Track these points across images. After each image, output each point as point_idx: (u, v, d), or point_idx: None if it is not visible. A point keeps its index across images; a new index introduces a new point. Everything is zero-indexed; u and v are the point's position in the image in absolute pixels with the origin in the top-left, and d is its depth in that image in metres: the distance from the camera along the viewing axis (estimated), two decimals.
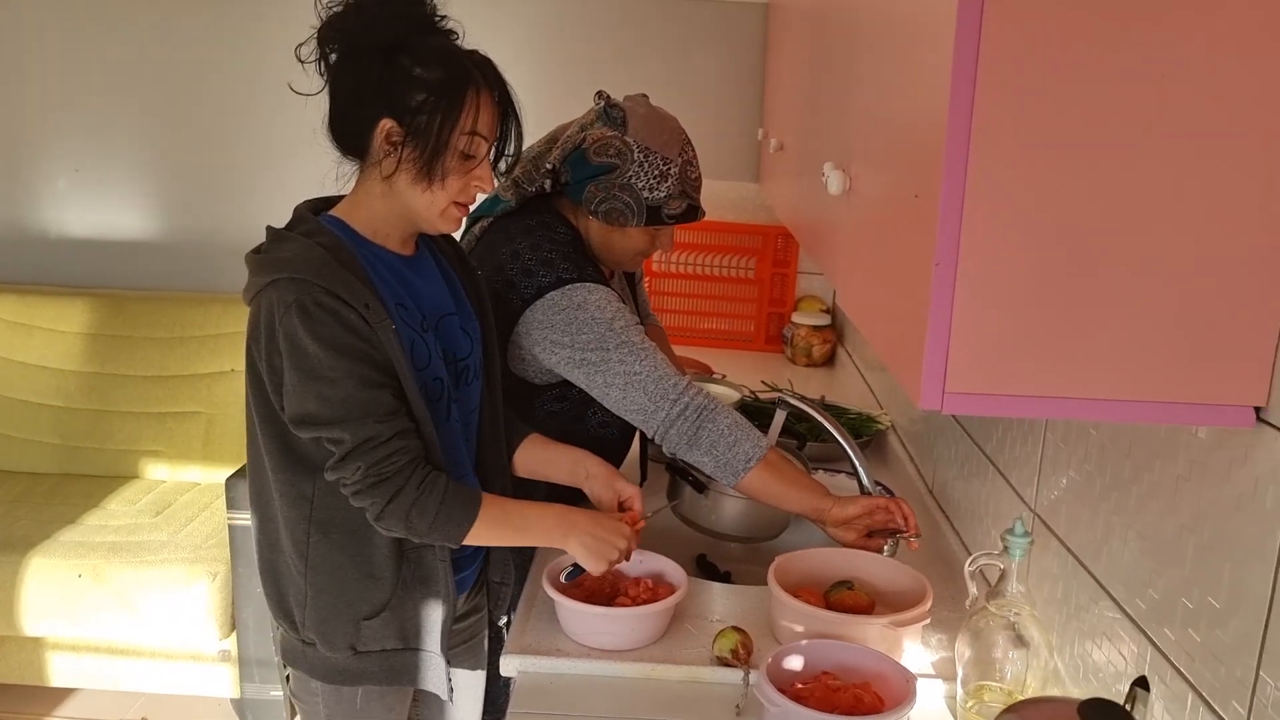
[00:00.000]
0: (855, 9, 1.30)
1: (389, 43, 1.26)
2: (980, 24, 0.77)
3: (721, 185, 3.09)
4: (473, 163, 1.32)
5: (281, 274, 1.26)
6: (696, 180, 1.74)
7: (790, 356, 3.00)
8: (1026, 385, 0.85)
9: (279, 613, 1.44)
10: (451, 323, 1.43)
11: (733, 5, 2.98)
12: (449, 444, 1.41)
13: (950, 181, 0.80)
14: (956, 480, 1.76)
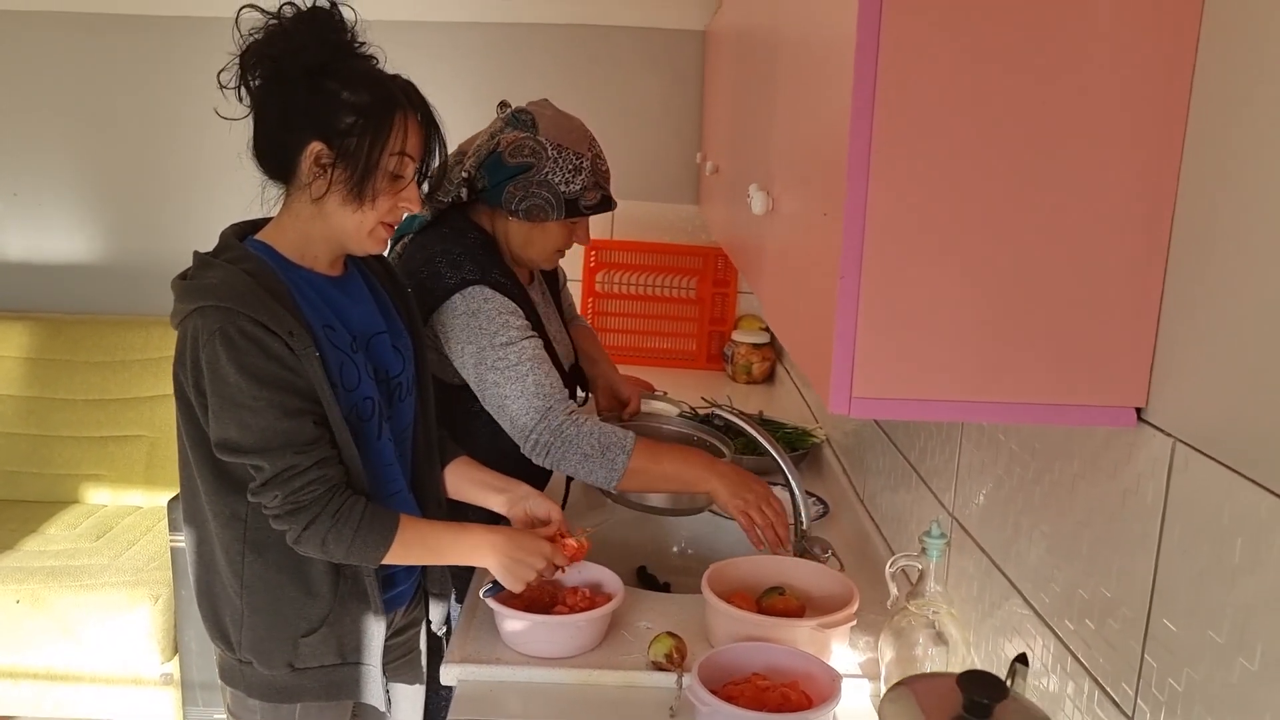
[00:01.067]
0: (775, 39, 1.37)
1: (315, 67, 1.29)
2: (876, 55, 0.84)
3: (662, 207, 3.16)
4: (401, 183, 1.36)
5: (206, 301, 1.27)
6: (606, 173, 1.81)
7: (731, 374, 3.07)
8: (927, 390, 0.91)
9: (215, 634, 1.45)
10: (382, 341, 1.45)
11: (672, 33, 3.06)
12: (381, 463, 1.43)
13: (852, 202, 0.87)
14: (884, 490, 1.83)
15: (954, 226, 0.87)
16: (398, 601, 1.52)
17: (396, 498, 1.46)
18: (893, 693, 0.81)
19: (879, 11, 0.83)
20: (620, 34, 3.07)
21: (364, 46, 1.35)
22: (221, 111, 1.32)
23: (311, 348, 1.29)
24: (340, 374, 1.35)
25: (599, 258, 3.17)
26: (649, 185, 3.17)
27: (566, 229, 1.79)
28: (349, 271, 1.45)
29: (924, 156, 0.86)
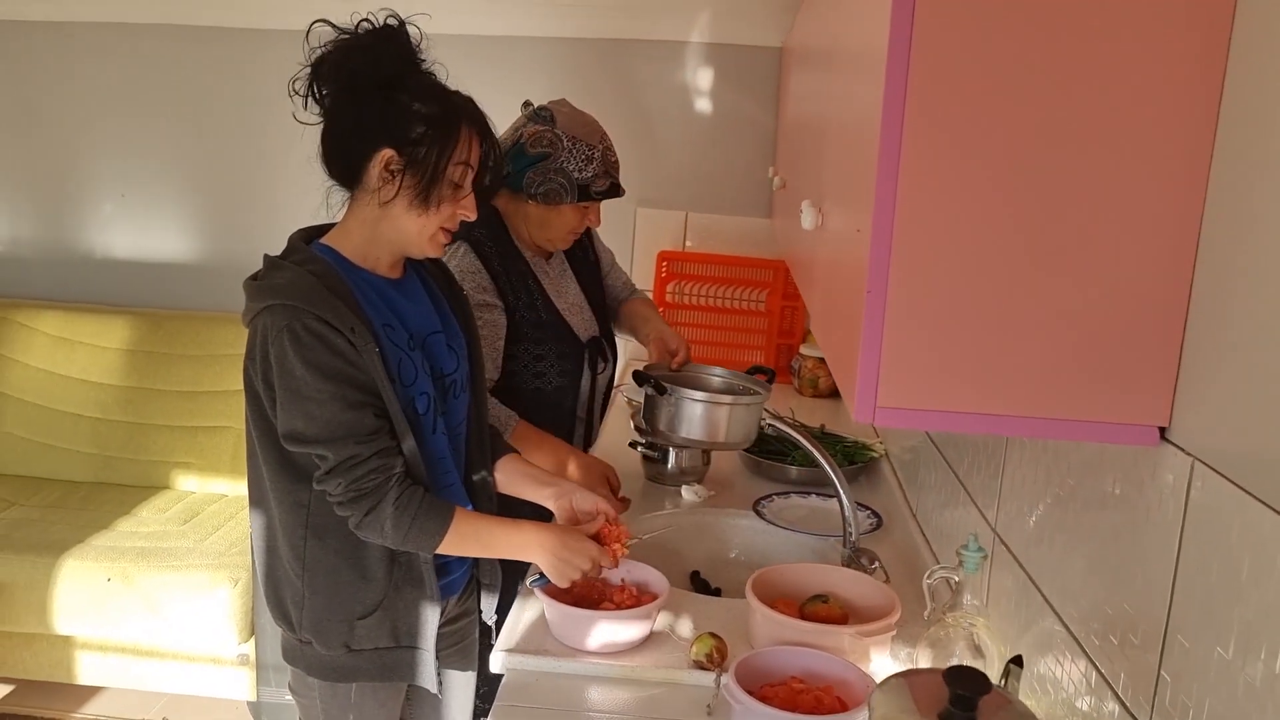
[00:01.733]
0: (826, 58, 1.41)
1: (387, 80, 1.37)
2: (906, 73, 0.88)
3: (735, 220, 3.20)
4: (461, 192, 1.44)
5: (275, 300, 1.37)
6: (615, 163, 2.03)
7: (797, 387, 3.09)
8: (950, 402, 0.94)
9: (277, 614, 1.54)
10: (438, 340, 1.53)
11: (749, 49, 3.10)
12: (435, 457, 1.51)
13: (879, 219, 0.90)
14: (935, 506, 1.84)
15: (979, 245, 0.90)
16: (451, 589, 1.59)
17: (450, 490, 1.54)
18: (887, 683, 0.85)
19: (909, 37, 0.87)
20: (700, 50, 3.13)
21: (429, 63, 1.43)
22: (299, 118, 1.41)
23: (372, 344, 1.37)
24: (399, 370, 1.43)
25: (670, 268, 3.22)
26: (723, 198, 3.22)
27: (579, 212, 2.00)
28: (408, 274, 1.53)
29: (951, 176, 0.89)
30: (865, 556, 1.72)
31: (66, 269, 3.43)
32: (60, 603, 2.62)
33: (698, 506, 2.11)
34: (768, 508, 2.09)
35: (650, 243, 3.23)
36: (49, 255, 3.44)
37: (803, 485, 2.21)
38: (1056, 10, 0.86)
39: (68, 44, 3.27)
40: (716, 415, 1.92)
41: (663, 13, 3.06)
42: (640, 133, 3.18)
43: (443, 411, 1.53)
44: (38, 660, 2.73)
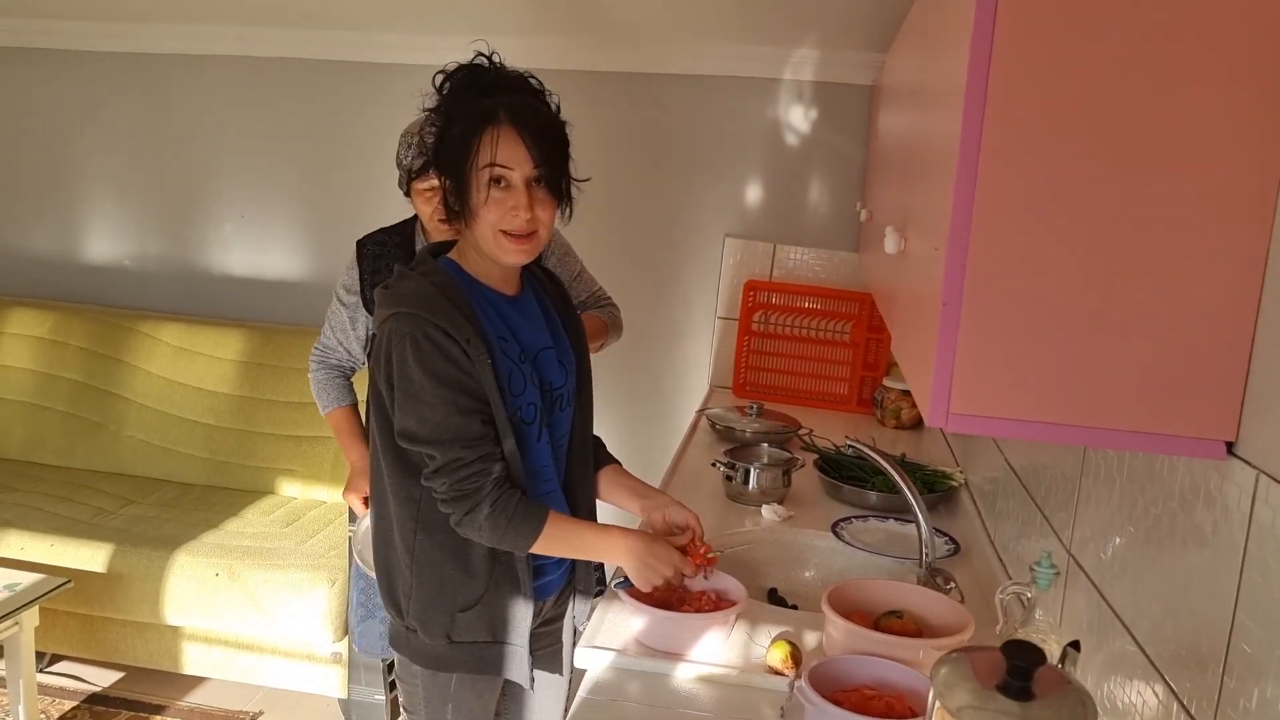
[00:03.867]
0: (911, 93, 1.48)
1: (448, 114, 1.48)
2: (983, 107, 0.94)
3: (822, 253, 3.26)
4: (506, 192, 1.47)
5: (400, 308, 1.48)
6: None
7: (880, 418, 3.12)
8: (1021, 411, 0.99)
9: (388, 601, 1.64)
10: (548, 356, 1.62)
11: (842, 87, 3.17)
12: (538, 464, 1.60)
13: (955, 236, 0.97)
14: (1014, 535, 1.86)
15: (1050, 262, 0.96)
16: (546, 591, 1.67)
17: (549, 496, 1.63)
18: (948, 657, 0.90)
19: (986, 73, 0.93)
20: (793, 87, 3.21)
21: (512, 79, 1.48)
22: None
23: (485, 355, 1.47)
24: (509, 381, 1.52)
25: (757, 298, 3.29)
26: (811, 230, 3.28)
27: (422, 198, 2.08)
28: (524, 292, 1.63)
29: (1024, 197, 0.95)
30: (941, 576, 1.76)
31: (188, 284, 3.67)
32: (171, 595, 2.79)
33: (777, 526, 2.17)
34: (846, 529, 2.13)
35: (738, 273, 3.30)
36: (173, 271, 3.68)
37: (881, 510, 2.25)
38: (1126, 47, 0.91)
39: (199, 76, 3.52)
40: None
41: (757, 51, 3.15)
42: (730, 166, 3.28)
43: (548, 423, 1.62)
44: (148, 648, 2.90)
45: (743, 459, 2.33)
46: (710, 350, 3.38)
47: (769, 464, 2.31)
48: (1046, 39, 0.92)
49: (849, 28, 2.91)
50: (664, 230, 3.31)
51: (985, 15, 0.93)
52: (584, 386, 1.71)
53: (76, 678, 3.01)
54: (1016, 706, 0.79)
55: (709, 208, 3.32)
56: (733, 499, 2.28)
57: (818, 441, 2.68)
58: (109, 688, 2.98)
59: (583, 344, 1.72)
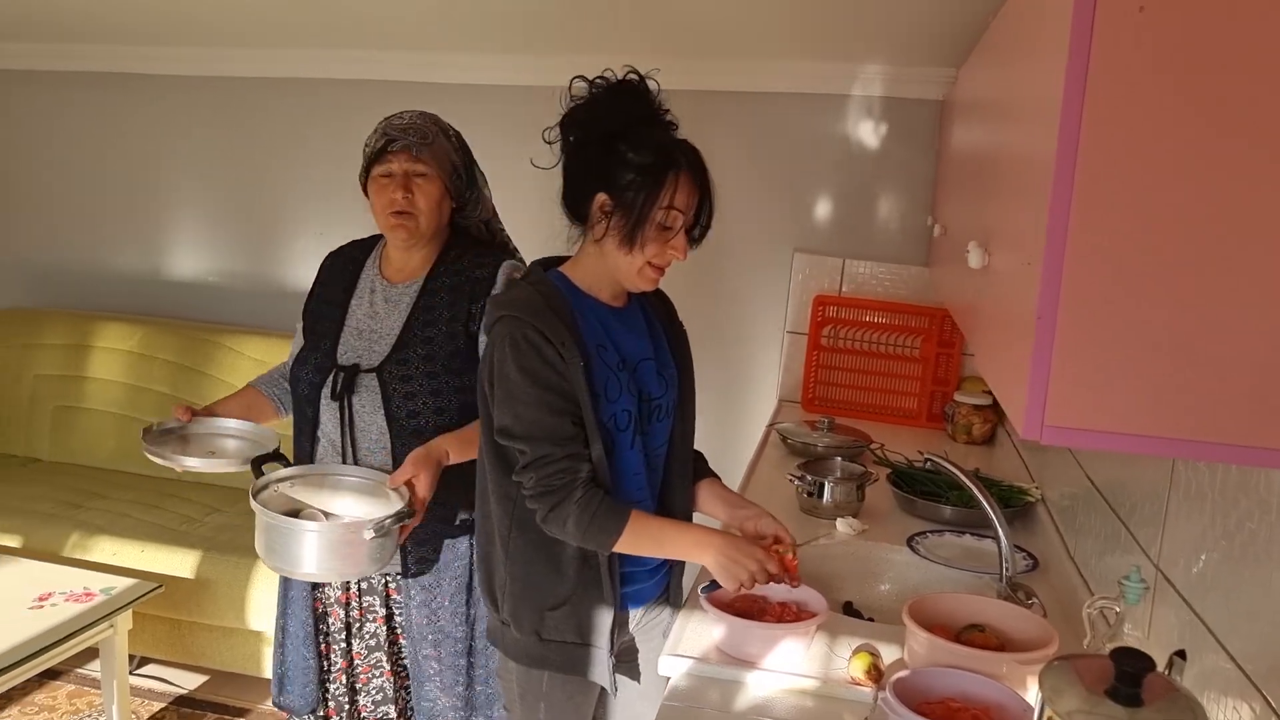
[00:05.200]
0: (997, 108, 1.49)
1: (611, 132, 1.54)
2: (1080, 120, 0.96)
3: (893, 268, 3.26)
4: (669, 233, 1.57)
5: (504, 312, 1.56)
6: (402, 124, 1.92)
7: (951, 434, 3.10)
8: (1117, 424, 1.00)
9: (486, 596, 1.72)
10: (648, 367, 1.68)
11: (910, 102, 3.18)
12: (629, 470, 1.65)
13: (1051, 250, 0.98)
14: (1095, 550, 1.85)
15: (1149, 274, 0.96)
16: (637, 599, 1.72)
17: (639, 504, 1.67)
18: (1052, 665, 0.90)
19: (1083, 85, 0.95)
20: (862, 103, 3.23)
21: (665, 114, 1.59)
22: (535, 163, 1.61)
23: (578, 359, 1.53)
24: (605, 387, 1.58)
25: (826, 313, 3.30)
26: (880, 245, 3.29)
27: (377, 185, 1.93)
28: (631, 305, 1.70)
29: (1121, 206, 0.96)
30: (1022, 591, 1.75)
31: (268, 299, 3.78)
32: (255, 601, 2.87)
33: (851, 540, 2.17)
34: (921, 544, 2.13)
35: (807, 287, 3.32)
36: (254, 286, 3.80)
37: (956, 525, 2.24)
38: (1229, 55, 0.92)
39: (279, 98, 3.64)
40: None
41: (827, 68, 3.17)
42: (799, 181, 3.30)
43: (643, 431, 1.67)
44: (232, 653, 2.98)
45: (816, 473, 2.34)
46: (779, 365, 3.39)
47: (843, 478, 2.32)
48: (1145, 49, 0.94)
49: (918, 44, 2.92)
50: (733, 245, 3.34)
51: (1082, 27, 0.94)
52: (686, 400, 1.77)
53: (164, 680, 3.11)
54: (1125, 713, 0.80)
55: (778, 223, 3.33)
56: (807, 513, 2.30)
57: (890, 456, 2.68)
58: (195, 690, 3.07)
59: (686, 360, 1.78)
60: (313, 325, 2.02)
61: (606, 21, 2.96)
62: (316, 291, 2.06)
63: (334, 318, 1.98)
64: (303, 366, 1.97)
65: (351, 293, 2.00)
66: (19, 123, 4.01)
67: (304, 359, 1.98)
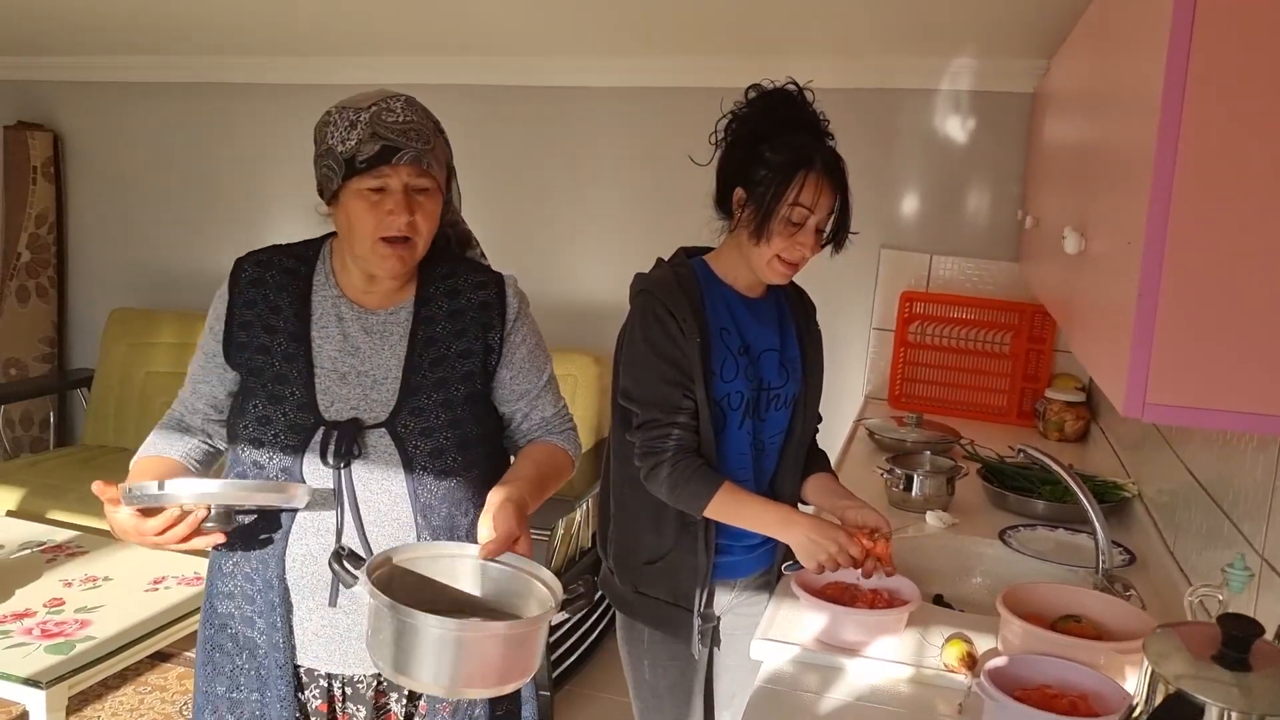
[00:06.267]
0: (1093, 96, 1.48)
1: (757, 134, 1.65)
2: (1181, 105, 0.96)
3: (980, 263, 3.23)
4: (797, 229, 1.65)
5: (644, 286, 1.72)
6: (399, 124, 1.44)
7: (1042, 430, 3.06)
8: (1218, 400, 1.00)
9: (602, 545, 1.86)
10: (771, 357, 1.76)
11: (999, 95, 3.15)
12: (734, 450, 1.72)
13: (1152, 229, 0.99)
14: (1196, 547, 1.81)
15: (1249, 248, 0.96)
16: (730, 571, 1.78)
17: (740, 483, 1.71)
18: (1156, 632, 0.90)
19: (1184, 71, 0.95)
20: (949, 97, 3.20)
21: (818, 121, 1.68)
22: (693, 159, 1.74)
23: (696, 337, 1.65)
24: (721, 367, 1.68)
25: (913, 309, 3.28)
26: (968, 240, 3.26)
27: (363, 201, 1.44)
28: (767, 299, 1.79)
29: (1222, 184, 0.96)
30: (1119, 584, 1.73)
31: None
32: None
33: (942, 533, 2.17)
34: (1014, 537, 2.11)
35: (894, 283, 3.30)
36: None
37: (1050, 520, 2.22)
38: None
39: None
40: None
41: (915, 62, 3.16)
42: (886, 176, 3.29)
43: (756, 416, 1.75)
44: None
45: (905, 466, 2.34)
46: (865, 361, 3.39)
47: (932, 471, 2.31)
48: (1245, 32, 0.93)
49: (1007, 36, 2.89)
50: None
51: (1184, 14, 0.95)
52: (810, 396, 1.83)
53: None
54: (1233, 677, 0.80)
55: (864, 218, 3.28)
56: (896, 506, 2.29)
57: (980, 450, 2.66)
58: None
59: (816, 359, 1.84)
60: (252, 362, 1.51)
61: (693, 25, 2.99)
62: (239, 314, 1.53)
63: (294, 355, 1.50)
64: (264, 424, 1.48)
65: (308, 321, 1.51)
66: (134, 132, 4.22)
67: (263, 413, 1.48)
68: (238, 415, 1.53)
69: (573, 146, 3.60)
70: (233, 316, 1.54)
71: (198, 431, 1.60)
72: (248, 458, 1.50)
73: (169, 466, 1.55)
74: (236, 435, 1.53)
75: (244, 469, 1.51)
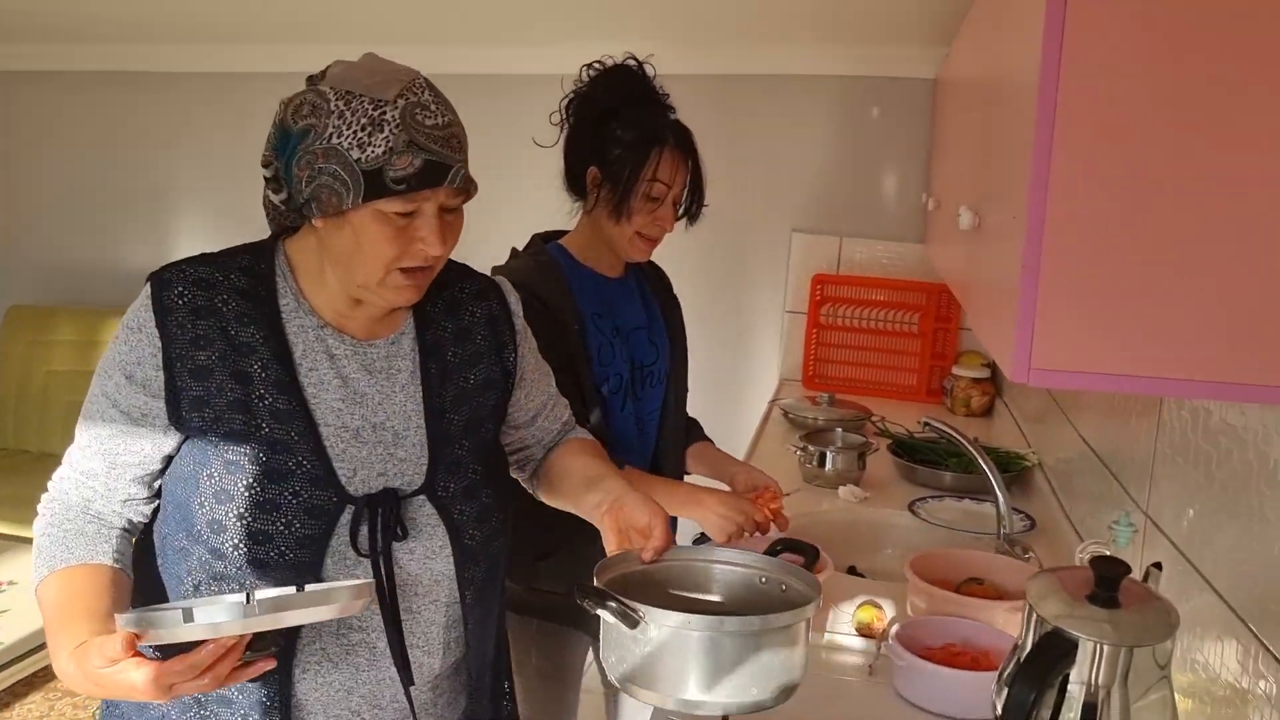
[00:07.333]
0: (984, 80, 1.55)
1: (603, 112, 1.65)
2: (1057, 86, 1.01)
3: (890, 245, 3.32)
4: (656, 204, 1.67)
5: (509, 279, 1.62)
6: (440, 128, 1.13)
7: (950, 406, 3.16)
8: (1099, 364, 1.05)
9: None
10: (640, 335, 1.77)
11: (903, 81, 3.23)
12: (620, 433, 1.73)
13: (1034, 205, 1.04)
14: (1091, 511, 1.91)
15: (1125, 216, 1.01)
16: None
17: (628, 460, 1.74)
18: (1037, 575, 0.96)
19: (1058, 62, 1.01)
20: (855, 83, 3.28)
21: (660, 96, 1.68)
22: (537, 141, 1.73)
23: (573, 324, 1.63)
24: (598, 351, 1.68)
25: (825, 291, 3.36)
26: (877, 223, 3.34)
27: (383, 225, 1.12)
28: (627, 277, 1.80)
29: (1099, 155, 1.01)
30: (1019, 547, 1.81)
31: None
32: None
33: (854, 506, 2.23)
34: (923, 508, 2.19)
35: (805, 267, 3.37)
36: None
37: (956, 490, 2.30)
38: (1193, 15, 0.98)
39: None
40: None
41: (822, 49, 3.23)
42: (796, 162, 3.35)
43: (635, 396, 1.76)
44: None
45: (818, 443, 2.40)
46: (779, 344, 3.45)
47: (844, 447, 2.38)
48: (1116, 15, 0.99)
49: (910, 23, 2.97)
50: (732, 227, 3.39)
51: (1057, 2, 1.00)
52: (678, 369, 1.85)
53: None
54: (1105, 614, 0.86)
55: (776, 203, 3.39)
56: (809, 481, 2.36)
57: (890, 427, 2.74)
58: None
59: (679, 330, 1.87)
60: (225, 425, 1.14)
61: (606, 11, 3.01)
62: (184, 356, 1.14)
63: (288, 412, 1.15)
64: (268, 512, 1.14)
65: (291, 363, 1.17)
66: (26, 123, 4.07)
67: (262, 496, 1.14)
68: (201, 502, 1.15)
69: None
70: (173, 360, 1.14)
71: (117, 520, 1.20)
72: (238, 557, 1.14)
73: (119, 584, 1.15)
74: (200, 528, 1.15)
75: (225, 571, 1.15)
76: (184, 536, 1.18)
